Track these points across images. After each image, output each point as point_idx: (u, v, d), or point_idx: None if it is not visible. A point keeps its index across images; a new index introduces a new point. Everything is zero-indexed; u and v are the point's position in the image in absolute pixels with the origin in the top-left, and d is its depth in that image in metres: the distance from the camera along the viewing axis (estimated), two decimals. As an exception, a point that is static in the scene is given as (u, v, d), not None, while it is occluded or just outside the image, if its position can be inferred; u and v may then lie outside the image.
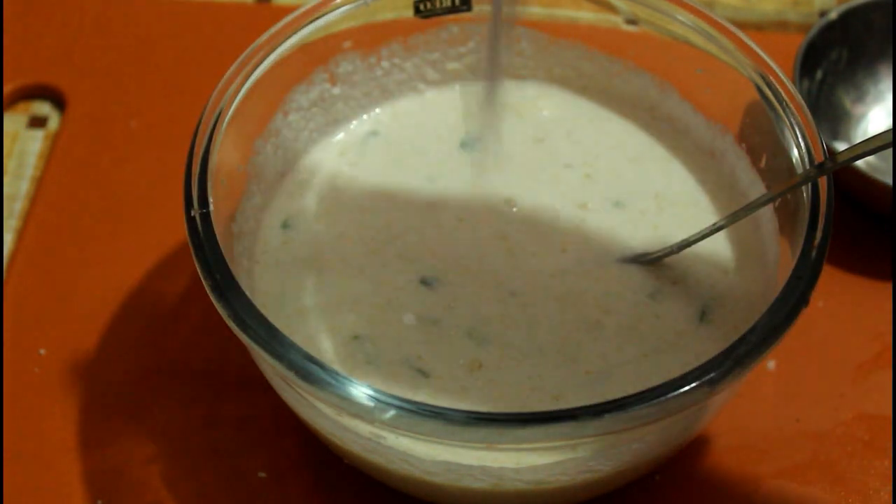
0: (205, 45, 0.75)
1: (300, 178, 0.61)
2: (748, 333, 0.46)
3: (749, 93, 0.56)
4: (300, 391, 0.48)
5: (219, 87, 0.54)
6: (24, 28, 0.77)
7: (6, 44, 0.76)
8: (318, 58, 0.60)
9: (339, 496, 0.57)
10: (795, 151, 0.53)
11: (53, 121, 0.73)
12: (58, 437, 0.59)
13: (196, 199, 0.50)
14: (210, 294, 0.48)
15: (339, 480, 0.57)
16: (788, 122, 0.53)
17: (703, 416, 0.52)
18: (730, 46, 0.56)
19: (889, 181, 0.64)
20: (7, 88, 0.74)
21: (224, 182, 0.53)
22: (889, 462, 0.58)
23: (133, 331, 0.63)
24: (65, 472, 0.58)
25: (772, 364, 0.61)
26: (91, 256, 0.66)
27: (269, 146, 0.59)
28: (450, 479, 0.50)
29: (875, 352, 0.62)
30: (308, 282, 0.56)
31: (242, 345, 0.48)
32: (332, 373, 0.45)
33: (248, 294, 0.48)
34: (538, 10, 0.63)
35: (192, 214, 0.50)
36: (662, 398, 0.44)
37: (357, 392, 0.45)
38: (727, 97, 0.58)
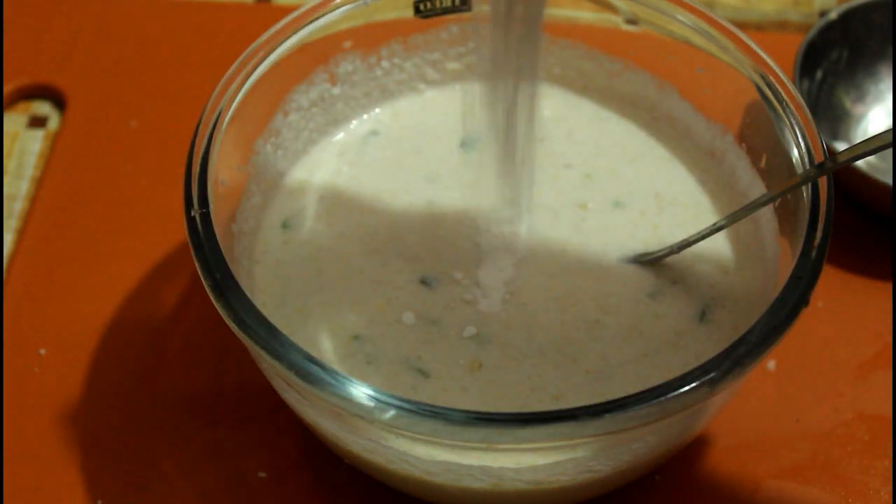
0: (205, 45, 0.75)
1: (300, 178, 0.61)
2: (748, 333, 0.46)
3: (749, 93, 0.55)
4: (300, 391, 0.48)
5: (219, 87, 0.54)
6: (24, 28, 0.77)
7: (6, 44, 0.76)
8: (318, 58, 0.60)
9: (339, 496, 0.57)
10: (795, 151, 0.53)
11: (53, 121, 0.73)
12: (58, 437, 0.59)
13: (196, 199, 0.50)
14: (210, 294, 0.48)
15: (339, 480, 0.57)
16: (788, 122, 0.53)
17: (703, 416, 0.52)
18: (730, 46, 0.56)
19: (889, 181, 0.64)
20: (7, 88, 0.74)
21: (224, 182, 0.53)
22: (889, 462, 0.58)
23: (133, 331, 0.63)
24: (65, 472, 0.58)
25: (772, 364, 0.61)
26: (91, 256, 0.66)
27: (269, 146, 0.59)
28: (450, 479, 0.50)
29: (875, 352, 0.62)
30: (308, 282, 0.56)
31: (242, 345, 0.48)
32: (332, 373, 0.45)
33: (248, 294, 0.48)
34: (538, 10, 0.63)
35: (192, 214, 0.49)
36: (662, 398, 0.44)
37: (357, 392, 0.45)
38: (727, 97, 0.58)
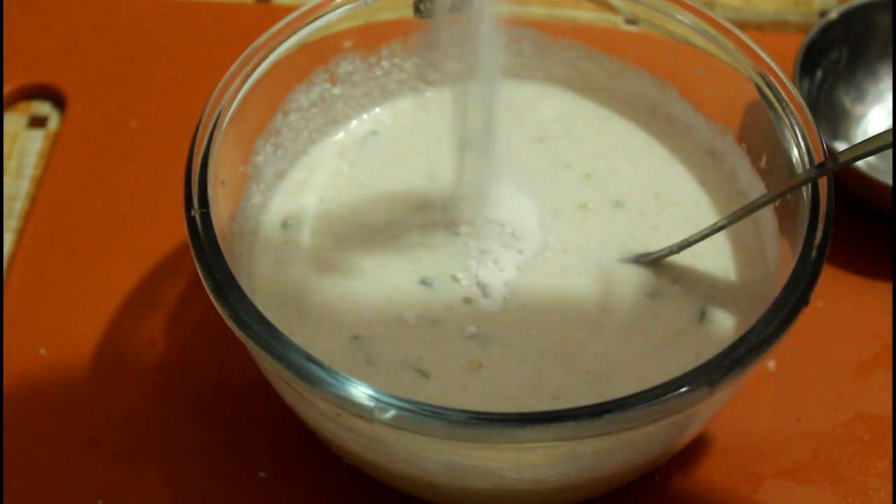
0: (205, 45, 0.75)
1: (300, 178, 0.61)
2: (748, 333, 0.46)
3: (749, 93, 0.55)
4: (300, 391, 0.48)
5: (219, 87, 0.54)
6: (24, 28, 0.77)
7: (6, 44, 0.75)
8: (318, 58, 0.60)
9: (339, 496, 0.57)
10: (795, 151, 0.53)
11: (53, 121, 0.73)
12: (58, 437, 0.59)
13: (196, 199, 0.50)
14: (210, 294, 0.48)
15: (339, 480, 0.57)
16: (788, 122, 0.53)
17: (703, 416, 0.52)
18: (730, 46, 0.56)
19: (889, 181, 0.63)
20: (7, 88, 0.74)
21: (224, 182, 0.53)
22: (889, 462, 0.58)
23: (133, 331, 0.63)
24: (65, 472, 0.58)
25: (772, 364, 0.61)
26: (91, 256, 0.66)
27: (269, 146, 0.59)
28: (450, 479, 0.50)
29: (875, 352, 0.62)
30: (308, 282, 0.56)
31: (242, 345, 0.48)
32: (332, 373, 0.45)
33: (248, 294, 0.48)
34: (538, 10, 0.63)
35: (192, 214, 0.49)
36: (662, 398, 0.44)
37: (357, 392, 0.45)
38: (727, 97, 0.58)
